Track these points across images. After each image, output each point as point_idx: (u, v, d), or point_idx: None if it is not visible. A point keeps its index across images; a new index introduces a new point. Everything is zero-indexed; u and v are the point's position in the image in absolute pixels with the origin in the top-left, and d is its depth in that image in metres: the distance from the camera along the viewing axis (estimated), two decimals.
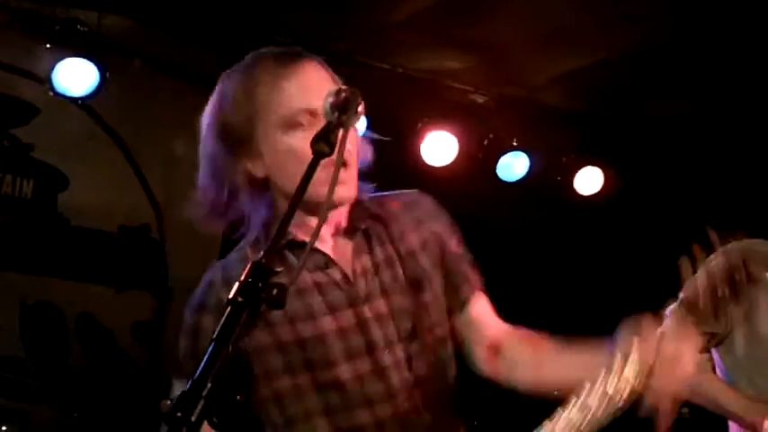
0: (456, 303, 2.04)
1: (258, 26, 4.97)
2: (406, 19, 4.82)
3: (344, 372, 1.88)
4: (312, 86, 1.87)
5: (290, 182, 1.81)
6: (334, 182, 1.52)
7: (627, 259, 6.04)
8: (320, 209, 1.55)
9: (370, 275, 1.94)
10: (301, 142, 1.79)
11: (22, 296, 5.04)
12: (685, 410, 5.32)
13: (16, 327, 5.01)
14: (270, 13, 4.85)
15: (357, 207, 1.98)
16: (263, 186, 1.94)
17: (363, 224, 1.98)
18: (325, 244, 1.94)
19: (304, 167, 1.66)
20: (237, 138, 1.92)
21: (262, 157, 1.90)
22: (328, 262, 1.93)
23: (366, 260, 1.96)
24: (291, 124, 1.86)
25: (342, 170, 1.72)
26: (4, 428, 4.38)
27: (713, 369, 3.09)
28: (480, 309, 2.06)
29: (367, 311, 1.91)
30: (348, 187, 1.88)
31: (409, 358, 1.92)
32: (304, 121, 1.85)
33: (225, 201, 2.00)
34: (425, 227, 2.04)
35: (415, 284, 1.96)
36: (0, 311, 4.96)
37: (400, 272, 1.96)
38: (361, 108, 1.63)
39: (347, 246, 1.96)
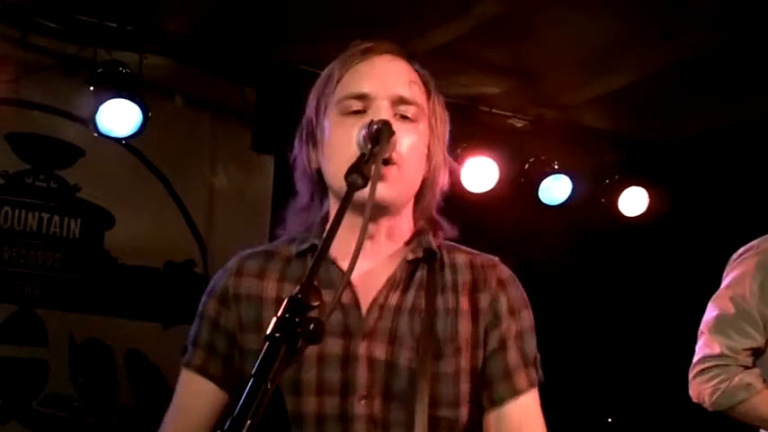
0: (488, 399, 1.74)
1: (296, 59, 5.02)
2: (440, 45, 4.83)
3: (308, 405, 1.65)
4: (370, 73, 1.74)
5: (332, 170, 1.70)
6: (374, 187, 1.48)
7: (675, 282, 5.95)
8: (362, 226, 1.45)
9: (387, 313, 1.70)
10: (348, 126, 1.69)
11: (72, 334, 5.10)
12: None
13: (66, 365, 5.07)
14: (306, 45, 4.89)
15: (418, 236, 1.77)
16: (318, 179, 1.79)
17: (413, 255, 1.75)
18: (343, 244, 1.66)
19: (344, 151, 1.66)
20: (309, 129, 1.79)
21: (319, 146, 1.76)
22: (339, 278, 1.70)
23: (394, 297, 1.72)
24: (342, 109, 1.72)
25: (387, 167, 1.65)
26: None
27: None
28: (518, 415, 1.74)
29: (361, 348, 1.67)
30: (390, 186, 1.67)
31: (386, 422, 1.66)
32: (353, 106, 1.71)
33: (307, 202, 1.82)
34: (486, 294, 1.76)
35: (436, 348, 1.68)
36: (50, 350, 5.03)
37: (421, 327, 1.69)
38: (393, 138, 1.63)
39: (381, 272, 1.73)
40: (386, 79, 1.73)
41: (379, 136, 1.58)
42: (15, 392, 4.93)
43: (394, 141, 1.64)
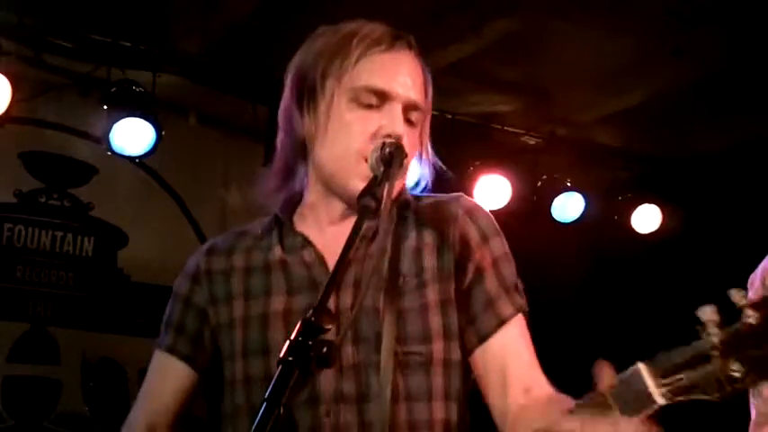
0: (474, 335, 1.70)
1: None
2: (453, 63, 4.84)
3: (273, 361, 1.61)
4: (394, 71, 1.71)
5: (327, 151, 1.70)
6: (386, 212, 1.49)
7: (689, 299, 5.90)
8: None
9: (353, 264, 1.68)
10: (357, 119, 1.68)
11: (84, 353, 5.10)
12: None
13: (78, 384, 5.07)
14: None
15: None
16: (301, 148, 1.78)
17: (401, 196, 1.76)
18: (318, 229, 1.75)
19: (347, 144, 1.67)
20: (307, 87, 1.75)
21: (315, 115, 1.72)
22: (304, 242, 1.74)
23: (363, 248, 1.70)
24: (357, 97, 1.69)
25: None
26: None
27: None
28: (502, 343, 1.70)
29: (330, 302, 1.55)
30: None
31: (356, 368, 1.63)
32: (370, 100, 1.69)
33: (290, 162, 1.83)
34: (453, 226, 1.73)
35: (400, 285, 1.67)
36: (62, 368, 5.04)
37: (385, 267, 1.67)
38: (406, 161, 1.63)
39: (347, 230, 1.62)
40: (407, 81, 1.72)
41: (392, 160, 1.58)
42: (27, 411, 4.93)
43: (407, 164, 1.64)
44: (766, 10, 4.22)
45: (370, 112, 1.68)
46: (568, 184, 5.67)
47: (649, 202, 5.82)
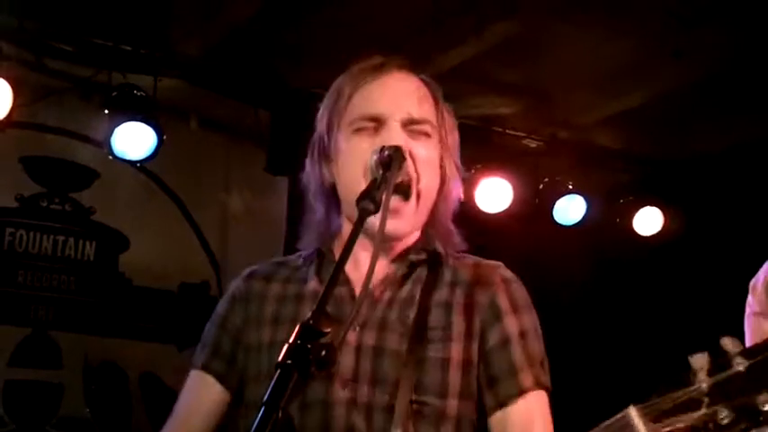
0: (492, 399, 1.71)
1: (309, 82, 5.04)
2: (454, 67, 4.84)
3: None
4: (383, 94, 1.77)
5: (347, 187, 1.74)
6: (385, 214, 1.49)
7: (691, 300, 5.90)
8: (374, 248, 1.48)
9: (380, 305, 1.72)
10: (360, 145, 1.72)
11: (86, 357, 5.10)
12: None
13: (80, 387, 5.07)
14: (319, 68, 4.90)
15: (425, 241, 1.81)
16: (332, 195, 1.82)
17: (415, 256, 1.79)
18: (354, 263, 1.74)
19: (354, 167, 1.70)
20: (321, 146, 1.83)
21: (333, 162, 1.79)
22: (343, 279, 1.75)
23: (390, 291, 1.75)
24: (356, 129, 1.75)
25: (404, 203, 1.68)
26: None
27: None
28: (522, 416, 1.69)
29: (350, 337, 1.66)
30: (404, 221, 1.72)
31: (369, 408, 1.65)
32: (367, 126, 1.74)
33: (326, 213, 1.85)
34: (487, 290, 1.76)
35: (426, 334, 1.68)
36: (64, 372, 5.04)
37: (413, 315, 1.70)
38: (405, 165, 1.64)
39: (381, 270, 1.76)
40: (397, 100, 1.76)
41: (391, 162, 1.59)
42: (29, 415, 4.93)
43: (406, 168, 1.64)
44: (766, 11, 4.21)
45: (371, 137, 1.73)
46: (570, 187, 5.67)
47: (651, 205, 5.82)
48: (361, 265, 1.74)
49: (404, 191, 1.68)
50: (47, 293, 5.06)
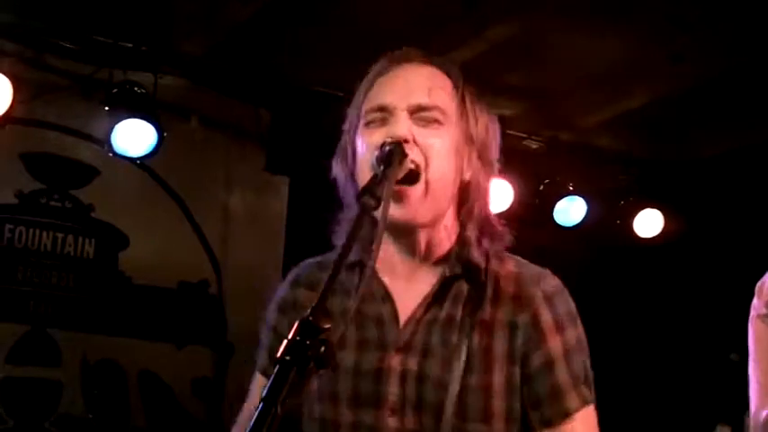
0: (537, 420, 1.69)
1: (310, 81, 5.04)
2: None
3: (345, 416, 1.69)
4: (390, 84, 1.74)
5: (361, 182, 1.68)
6: (387, 201, 1.48)
7: (690, 302, 5.90)
8: (377, 232, 1.46)
9: (422, 327, 1.70)
10: (371, 138, 1.69)
11: (85, 354, 5.10)
12: (735, 355, 5.13)
13: (79, 385, 5.07)
14: (320, 67, 4.91)
15: (460, 248, 1.74)
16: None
17: (453, 270, 1.72)
18: (392, 274, 1.74)
19: (364, 162, 1.69)
20: (344, 143, 1.81)
21: (352, 159, 1.77)
22: (385, 296, 1.73)
23: (431, 311, 1.71)
24: (367, 122, 1.73)
25: (412, 187, 1.64)
26: None
27: None
28: None
29: (395, 362, 1.68)
30: (411, 206, 1.65)
31: None
32: (375, 118, 1.71)
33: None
34: (529, 309, 1.71)
35: (468, 361, 1.66)
36: (63, 370, 5.03)
37: (455, 339, 1.67)
38: (406, 161, 1.63)
39: (420, 287, 1.73)
40: (404, 89, 1.72)
41: (391, 158, 1.58)
42: (28, 412, 4.92)
43: (406, 163, 1.63)
44: (766, 14, 4.21)
45: (379, 128, 1.70)
46: (570, 189, 5.67)
47: (651, 207, 5.82)
48: (399, 275, 1.74)
49: (410, 178, 1.64)
50: (46, 290, 5.05)
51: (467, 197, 1.77)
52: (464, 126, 1.75)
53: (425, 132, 1.69)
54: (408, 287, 1.73)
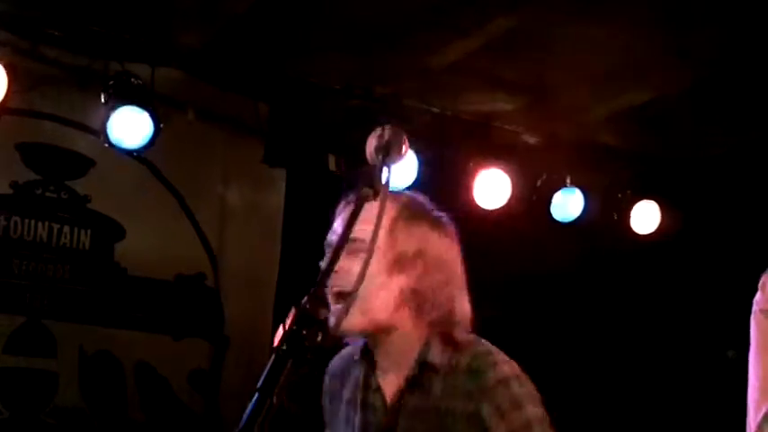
0: None
1: (309, 74, 5.02)
2: (453, 62, 4.82)
3: None
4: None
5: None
6: (386, 189, 1.54)
7: (687, 298, 5.90)
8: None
9: (401, 416, 1.95)
10: None
11: (81, 346, 5.09)
12: (732, 352, 5.13)
13: (75, 377, 5.06)
14: (319, 60, 4.89)
15: (423, 348, 1.97)
16: None
17: (411, 372, 1.97)
18: (386, 354, 2.00)
19: None
20: None
21: None
22: (378, 388, 2.00)
23: (406, 400, 1.96)
24: None
25: (335, 306, 1.78)
26: None
27: None
28: None
29: None
30: (339, 321, 1.75)
31: None
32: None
33: None
34: (484, 397, 1.90)
35: None
36: (59, 361, 5.02)
37: (421, 428, 1.93)
38: (405, 147, 1.61)
39: (398, 382, 1.99)
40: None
41: (390, 145, 1.57)
42: (23, 404, 4.92)
43: (405, 150, 1.62)
44: None
45: None
46: (568, 183, 5.66)
47: (649, 202, 5.81)
48: (391, 365, 2.00)
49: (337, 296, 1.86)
50: (42, 282, 5.04)
51: (418, 302, 1.98)
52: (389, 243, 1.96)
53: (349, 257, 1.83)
54: (390, 381, 2.00)
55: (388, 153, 1.56)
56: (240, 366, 5.30)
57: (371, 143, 1.61)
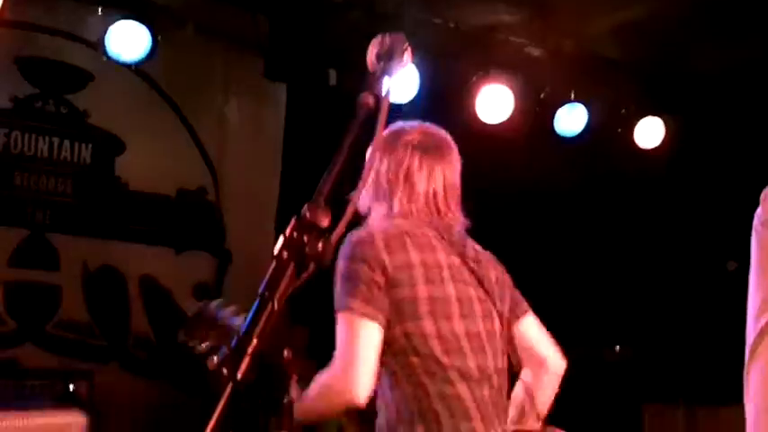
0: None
1: None
2: None
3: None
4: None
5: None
6: (387, 96, 1.50)
7: (690, 213, 5.90)
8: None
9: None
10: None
11: (85, 261, 5.12)
12: (732, 264, 5.18)
13: (79, 290, 5.10)
14: None
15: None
16: None
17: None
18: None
19: None
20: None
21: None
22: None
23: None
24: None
25: None
26: (71, 387, 4.47)
27: None
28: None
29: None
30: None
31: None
32: None
33: None
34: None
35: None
36: (62, 275, 5.05)
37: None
38: (406, 54, 1.58)
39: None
40: None
41: (392, 52, 1.53)
42: (29, 315, 4.97)
43: (407, 57, 1.59)
44: None
45: None
46: (572, 97, 5.60)
47: (653, 116, 5.76)
48: None
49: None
50: (44, 196, 5.04)
51: None
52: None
53: None
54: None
55: (390, 60, 1.52)
56: (242, 280, 5.34)
57: (372, 50, 1.57)
